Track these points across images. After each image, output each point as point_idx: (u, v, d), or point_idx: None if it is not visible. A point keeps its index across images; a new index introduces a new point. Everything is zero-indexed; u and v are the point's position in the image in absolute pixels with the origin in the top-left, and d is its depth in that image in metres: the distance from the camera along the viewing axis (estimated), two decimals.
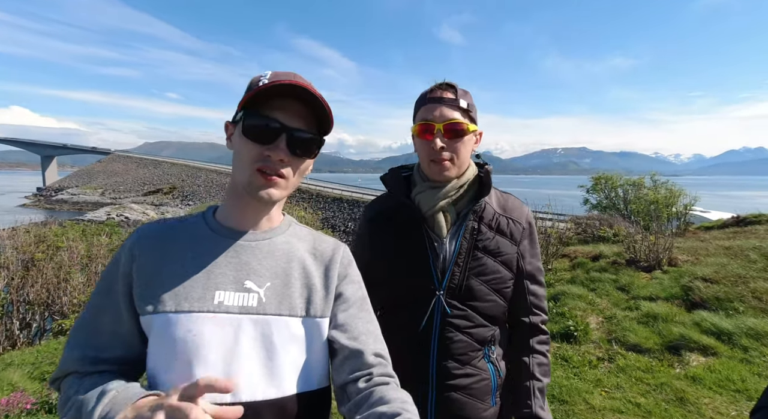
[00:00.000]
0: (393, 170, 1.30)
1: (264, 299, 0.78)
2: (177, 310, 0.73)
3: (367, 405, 0.68)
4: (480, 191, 1.20)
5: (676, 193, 10.34)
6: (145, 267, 0.77)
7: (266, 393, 0.74)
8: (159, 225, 0.84)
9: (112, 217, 28.05)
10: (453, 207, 1.19)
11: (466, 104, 1.13)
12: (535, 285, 1.24)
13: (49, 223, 8.91)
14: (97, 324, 0.78)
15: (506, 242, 1.18)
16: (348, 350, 0.78)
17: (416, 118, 1.18)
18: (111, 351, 0.77)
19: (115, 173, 62.71)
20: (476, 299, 1.16)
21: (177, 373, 0.72)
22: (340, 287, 0.86)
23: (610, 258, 6.22)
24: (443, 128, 1.10)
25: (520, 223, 1.22)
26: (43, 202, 47.95)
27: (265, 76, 0.79)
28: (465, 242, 1.15)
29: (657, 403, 2.95)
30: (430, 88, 1.17)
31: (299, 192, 30.77)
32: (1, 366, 3.95)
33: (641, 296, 4.81)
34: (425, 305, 1.15)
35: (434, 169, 1.14)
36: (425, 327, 1.15)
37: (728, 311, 4.15)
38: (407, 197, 1.21)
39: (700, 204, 10.95)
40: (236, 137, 0.79)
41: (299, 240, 0.89)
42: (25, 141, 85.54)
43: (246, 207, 0.82)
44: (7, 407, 2.68)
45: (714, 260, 5.39)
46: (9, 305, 5.28)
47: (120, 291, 0.76)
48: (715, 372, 3.28)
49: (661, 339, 3.88)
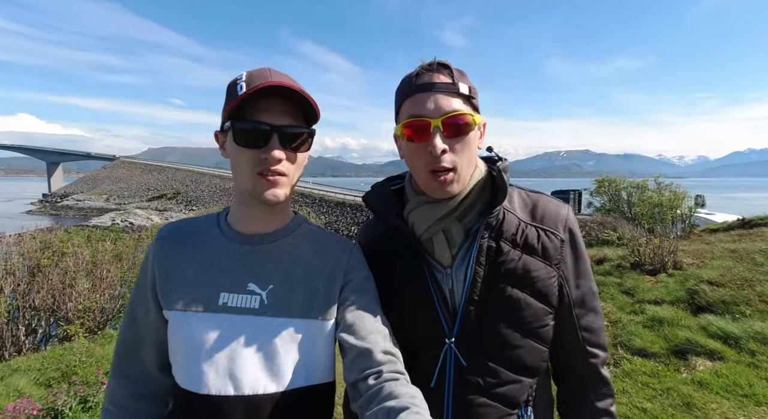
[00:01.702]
0: (377, 185, 1.00)
1: (266, 302, 0.80)
2: (185, 309, 0.80)
3: (377, 400, 0.70)
4: (494, 196, 0.90)
5: (680, 195, 10.29)
6: (162, 266, 0.84)
7: (267, 388, 0.77)
8: (176, 227, 0.90)
9: (116, 222, 28.21)
10: (459, 224, 0.89)
11: (467, 89, 0.84)
12: (589, 316, 0.91)
13: (55, 229, 8.97)
14: (134, 316, 0.89)
15: (538, 263, 0.86)
16: (357, 349, 0.79)
17: (401, 114, 0.88)
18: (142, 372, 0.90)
19: (119, 178, 63.11)
20: (502, 346, 0.86)
21: (185, 368, 0.79)
22: (346, 288, 0.86)
23: (614, 261, 6.19)
24: (442, 125, 0.81)
25: (556, 233, 0.89)
26: (49, 208, 48.29)
27: (241, 78, 0.79)
28: (480, 269, 0.85)
29: (663, 408, 2.92)
30: (416, 71, 0.85)
31: (302, 197, 30.85)
32: (8, 371, 3.97)
33: (646, 300, 4.78)
34: (434, 356, 0.87)
35: (434, 184, 0.84)
36: (437, 385, 0.87)
37: (735, 314, 4.11)
38: (399, 217, 0.93)
39: (704, 206, 10.89)
40: (229, 145, 0.81)
41: (306, 241, 0.90)
42: (31, 148, 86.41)
43: (253, 211, 0.85)
44: (14, 413, 2.69)
45: (720, 263, 5.35)
46: (15, 311, 5.32)
47: (148, 286, 0.85)
48: (722, 376, 3.25)
49: (667, 343, 3.84)
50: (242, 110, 0.77)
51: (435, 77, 0.84)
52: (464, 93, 0.84)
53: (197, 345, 0.77)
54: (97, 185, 62.14)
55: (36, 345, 5.40)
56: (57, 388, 3.29)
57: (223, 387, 0.76)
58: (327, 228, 10.17)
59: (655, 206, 10.08)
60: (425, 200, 0.90)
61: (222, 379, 0.76)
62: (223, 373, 0.76)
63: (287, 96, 0.79)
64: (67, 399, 3.01)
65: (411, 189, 0.96)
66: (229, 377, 0.76)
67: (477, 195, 0.90)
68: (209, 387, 0.76)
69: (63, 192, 61.62)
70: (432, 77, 0.84)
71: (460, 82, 0.84)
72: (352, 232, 23.39)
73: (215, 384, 0.76)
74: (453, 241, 0.89)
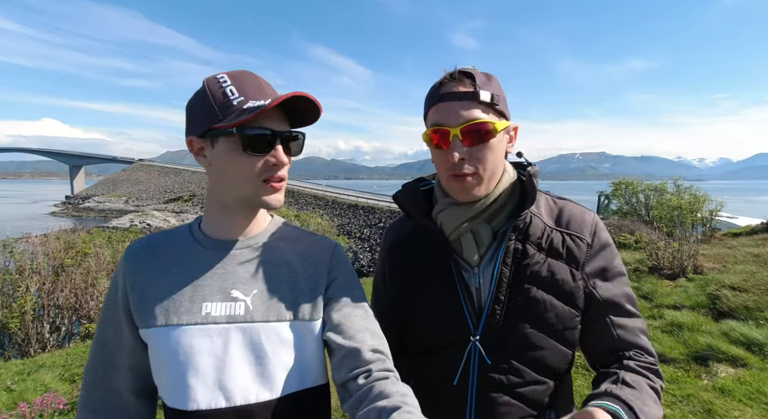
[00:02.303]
0: (408, 185, 1.04)
1: (251, 307, 0.78)
2: (167, 324, 0.76)
3: (367, 400, 0.69)
4: (522, 200, 0.93)
5: (700, 198, 10.03)
6: (136, 283, 0.80)
7: (260, 396, 0.75)
8: (145, 242, 0.86)
9: (135, 224, 28.92)
10: (487, 225, 0.92)
11: (489, 96, 0.86)
12: (622, 317, 0.88)
13: (78, 230, 9.25)
14: (104, 340, 0.84)
15: (563, 266, 0.88)
16: (345, 349, 0.77)
17: (427, 121, 0.92)
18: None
19: (138, 181, 64.66)
20: (526, 346, 0.87)
21: (172, 383, 0.76)
22: (331, 287, 0.85)
23: (632, 265, 6.07)
24: (461, 134, 0.84)
25: (581, 237, 0.90)
26: (71, 210, 49.78)
27: (226, 82, 0.77)
28: (506, 270, 0.88)
29: (684, 415, 2.86)
30: (440, 80, 0.89)
31: (316, 199, 31.07)
32: (34, 367, 4.12)
33: (665, 305, 4.68)
34: (458, 354, 0.89)
35: (455, 187, 0.88)
36: (460, 383, 0.89)
37: (758, 320, 4.00)
38: (428, 218, 0.96)
39: (726, 209, 10.60)
40: (227, 153, 0.76)
41: (287, 242, 0.88)
42: (55, 151, 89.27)
43: (236, 217, 0.83)
44: (42, 407, 2.79)
45: (742, 268, 5.20)
46: (40, 309, 5.51)
47: (120, 305, 0.81)
48: (746, 383, 3.16)
49: (687, 349, 3.76)
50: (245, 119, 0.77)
51: (456, 87, 0.86)
52: (486, 101, 0.85)
53: (182, 360, 0.74)
54: (116, 188, 63.84)
55: (60, 342, 5.58)
56: (81, 383, 3.39)
57: (213, 400, 0.73)
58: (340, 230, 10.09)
59: (674, 210, 9.85)
60: (453, 202, 0.92)
61: (212, 392, 0.74)
62: (212, 385, 0.74)
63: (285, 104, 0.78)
64: None
65: (440, 191, 0.98)
66: (219, 388, 0.74)
67: (506, 199, 0.93)
68: (198, 402, 0.73)
69: (85, 194, 63.52)
70: (453, 87, 0.87)
71: (482, 90, 0.85)
72: (365, 234, 23.46)
73: (204, 398, 0.73)
74: (481, 241, 0.91)
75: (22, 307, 5.12)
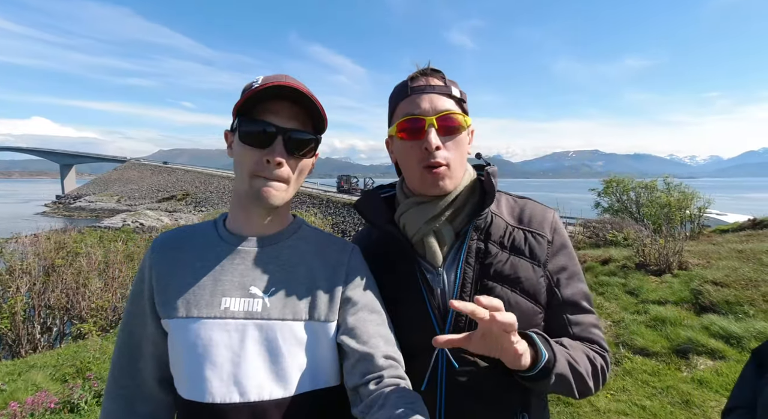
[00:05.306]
0: (368, 192, 1.04)
1: (268, 305, 0.79)
2: (187, 316, 0.78)
3: (377, 406, 0.69)
4: (483, 200, 0.93)
5: (689, 196, 10.19)
6: (160, 275, 0.82)
7: (273, 393, 0.76)
8: (171, 235, 0.88)
9: (127, 223, 28.70)
10: (449, 225, 0.92)
11: (459, 93, 0.90)
12: (578, 315, 0.90)
13: (69, 230, 9.19)
14: (130, 330, 0.86)
15: (525, 263, 0.89)
16: (358, 354, 0.77)
17: (395, 116, 0.92)
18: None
19: (130, 180, 64.09)
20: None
21: (189, 374, 0.77)
22: (347, 290, 0.85)
23: (619, 262, 6.17)
24: (436, 122, 0.85)
25: (542, 235, 0.91)
26: (62, 209, 49.26)
27: (257, 81, 0.79)
28: (469, 269, 0.88)
29: (663, 406, 2.95)
30: (410, 76, 0.91)
31: (310, 198, 31.03)
32: (25, 367, 4.13)
33: (650, 300, 4.78)
34: (425, 358, 0.87)
35: (428, 179, 0.87)
36: (428, 388, 0.86)
37: (738, 314, 4.11)
38: (391, 223, 0.96)
39: (716, 207, 10.76)
40: (235, 145, 0.80)
41: (307, 243, 0.88)
42: (45, 150, 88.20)
43: (250, 213, 0.84)
44: (33, 406, 2.82)
45: (726, 264, 5.32)
46: (31, 310, 5.49)
47: (146, 297, 0.83)
48: (723, 375, 3.26)
49: (669, 343, 3.86)
50: (251, 110, 0.77)
51: (429, 80, 0.89)
52: (456, 96, 0.89)
53: (199, 352, 0.75)
54: (108, 187, 63.23)
55: (51, 342, 5.57)
56: (72, 383, 3.42)
57: (227, 394, 0.74)
58: (334, 229, 10.08)
59: (663, 207, 10.00)
60: (416, 202, 0.93)
61: (227, 386, 0.74)
62: (227, 380, 0.74)
63: (298, 101, 0.78)
64: (82, 393, 3.14)
65: (402, 194, 0.99)
66: (234, 383, 0.74)
67: (466, 198, 0.94)
68: (213, 395, 0.74)
69: (76, 194, 62.83)
70: (426, 80, 0.89)
71: (452, 87, 0.89)
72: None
73: (219, 391, 0.74)
74: (443, 241, 0.91)
75: (12, 308, 5.11)
